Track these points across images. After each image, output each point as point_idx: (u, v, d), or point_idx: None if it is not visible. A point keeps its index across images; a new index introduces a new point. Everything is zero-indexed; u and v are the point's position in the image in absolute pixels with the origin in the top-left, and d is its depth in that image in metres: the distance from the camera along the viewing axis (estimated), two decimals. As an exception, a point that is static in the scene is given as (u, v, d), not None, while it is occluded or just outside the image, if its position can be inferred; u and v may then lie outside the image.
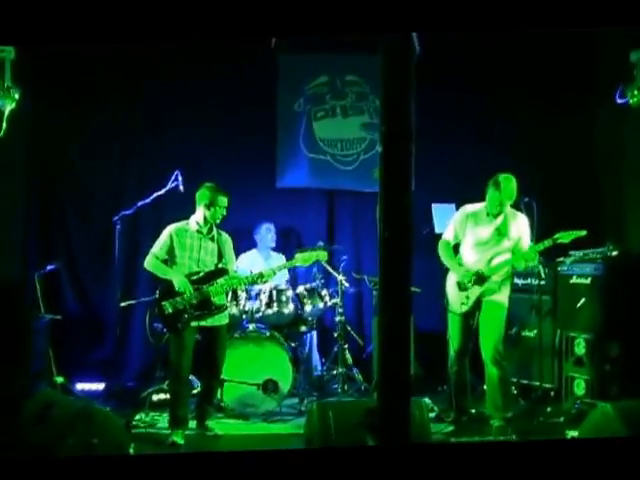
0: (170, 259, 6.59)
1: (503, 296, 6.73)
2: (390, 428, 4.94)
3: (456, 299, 6.79)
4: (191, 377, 6.95)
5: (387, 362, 4.95)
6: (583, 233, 6.54)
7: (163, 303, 6.47)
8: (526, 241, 6.69)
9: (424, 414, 5.45)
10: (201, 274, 6.54)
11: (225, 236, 6.82)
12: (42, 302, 7.46)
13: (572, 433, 5.90)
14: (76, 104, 8.17)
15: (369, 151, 8.66)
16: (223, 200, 6.61)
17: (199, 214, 6.64)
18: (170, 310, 6.44)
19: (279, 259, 8.13)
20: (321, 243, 7.65)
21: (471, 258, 6.78)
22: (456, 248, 6.92)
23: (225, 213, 6.64)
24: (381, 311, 4.96)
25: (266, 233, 8.24)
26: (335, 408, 5.52)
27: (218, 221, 6.64)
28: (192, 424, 6.61)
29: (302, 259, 6.86)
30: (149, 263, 6.62)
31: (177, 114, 8.36)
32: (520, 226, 6.72)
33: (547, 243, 6.53)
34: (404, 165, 4.86)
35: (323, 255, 6.96)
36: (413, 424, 4.99)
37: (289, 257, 7.90)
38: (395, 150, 4.58)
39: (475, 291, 6.67)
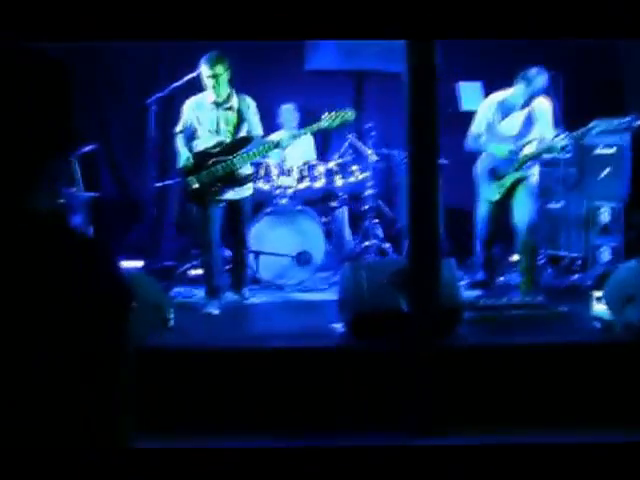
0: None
1: (533, 178, 6.55)
2: (419, 285, 4.91)
3: (489, 187, 6.58)
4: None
5: (417, 221, 4.91)
6: (615, 123, 6.30)
7: (189, 178, 6.33)
8: (548, 124, 6.48)
9: (452, 273, 5.40)
10: (224, 145, 6.33)
11: (248, 101, 6.48)
12: (82, 181, 7.40)
13: (597, 294, 5.82)
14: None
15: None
16: (206, 70, 6.25)
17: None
18: (196, 185, 6.31)
19: (307, 138, 7.89)
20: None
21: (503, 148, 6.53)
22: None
23: (224, 78, 6.25)
24: (410, 173, 4.91)
25: (288, 114, 8.02)
26: (368, 268, 5.49)
27: (223, 91, 6.31)
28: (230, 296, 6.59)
29: (328, 119, 6.50)
30: (177, 141, 6.47)
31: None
32: (544, 109, 6.47)
33: (580, 132, 6.32)
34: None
35: (350, 115, 6.56)
36: (442, 283, 4.96)
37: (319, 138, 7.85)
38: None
39: (511, 177, 6.48)
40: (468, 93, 7.88)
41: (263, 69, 8.02)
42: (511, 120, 6.51)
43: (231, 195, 6.39)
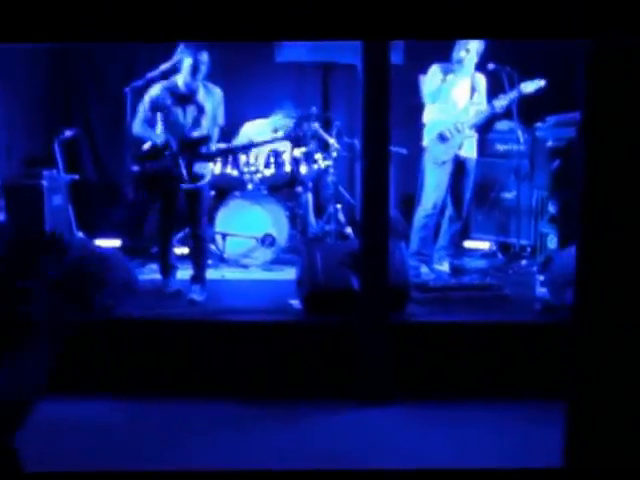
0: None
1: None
2: (370, 265, 5.10)
3: (439, 149, 6.85)
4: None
5: (368, 205, 5.09)
6: (542, 83, 6.75)
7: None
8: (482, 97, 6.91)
9: (402, 255, 5.58)
10: (181, 142, 6.00)
11: (214, 92, 6.07)
12: (63, 164, 7.54)
13: (541, 277, 6.03)
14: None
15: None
16: (187, 60, 5.90)
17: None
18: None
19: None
20: (314, 109, 7.76)
21: (447, 114, 6.89)
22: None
23: (195, 71, 5.91)
24: (363, 160, 5.10)
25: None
26: (324, 248, 5.68)
27: (194, 80, 5.98)
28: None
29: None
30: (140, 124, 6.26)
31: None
32: (480, 82, 6.92)
33: (512, 95, 6.66)
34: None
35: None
36: (392, 263, 5.15)
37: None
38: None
39: (459, 138, 6.83)
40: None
41: (233, 60, 8.15)
42: (455, 86, 6.86)
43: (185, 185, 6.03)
